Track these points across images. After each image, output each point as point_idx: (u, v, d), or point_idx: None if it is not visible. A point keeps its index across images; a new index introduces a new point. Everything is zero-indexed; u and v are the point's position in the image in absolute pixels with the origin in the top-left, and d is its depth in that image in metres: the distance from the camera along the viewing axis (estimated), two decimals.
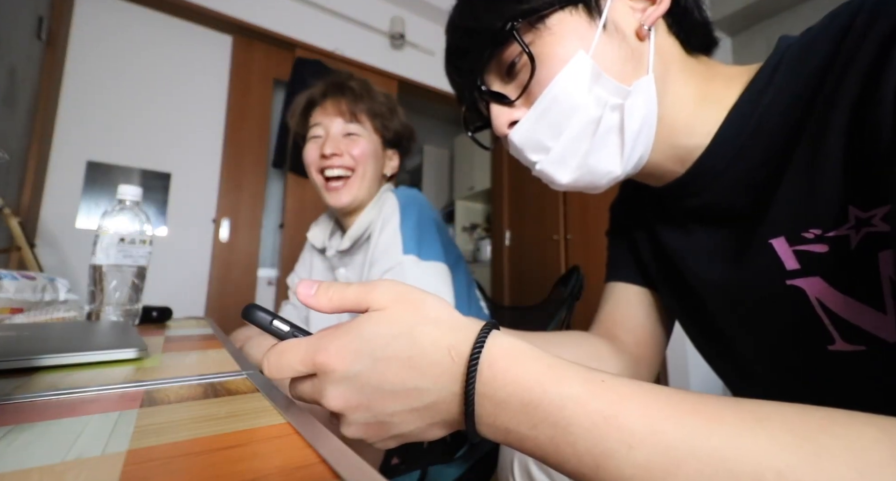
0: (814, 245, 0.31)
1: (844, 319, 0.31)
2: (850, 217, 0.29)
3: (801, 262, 0.32)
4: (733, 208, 0.38)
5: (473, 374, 0.22)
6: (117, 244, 0.62)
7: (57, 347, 0.37)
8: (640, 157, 0.39)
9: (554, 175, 0.40)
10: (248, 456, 0.18)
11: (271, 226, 2.43)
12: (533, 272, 2.74)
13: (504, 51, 0.38)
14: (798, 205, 0.32)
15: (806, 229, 0.32)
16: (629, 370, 0.48)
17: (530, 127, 0.39)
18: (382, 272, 0.70)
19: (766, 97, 0.35)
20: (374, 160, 0.82)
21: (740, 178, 0.37)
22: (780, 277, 0.34)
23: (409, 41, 2.71)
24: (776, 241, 0.34)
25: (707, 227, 0.41)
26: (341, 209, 0.82)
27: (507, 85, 0.40)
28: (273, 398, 0.27)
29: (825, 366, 0.34)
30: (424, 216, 0.76)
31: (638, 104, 0.36)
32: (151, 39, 2.10)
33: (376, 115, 0.83)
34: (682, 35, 0.40)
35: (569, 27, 0.36)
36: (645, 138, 0.38)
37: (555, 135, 0.38)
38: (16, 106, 1.52)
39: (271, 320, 0.27)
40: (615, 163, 0.38)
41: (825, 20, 0.33)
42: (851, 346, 0.31)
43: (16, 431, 0.20)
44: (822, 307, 0.32)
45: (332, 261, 0.89)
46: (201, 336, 0.57)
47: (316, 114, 0.84)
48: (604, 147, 0.38)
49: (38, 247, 1.60)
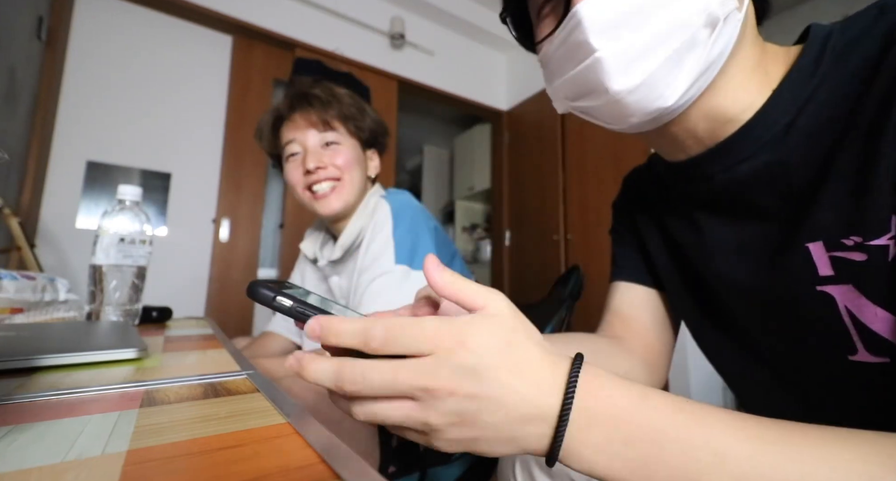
0: (852, 252, 0.30)
1: (872, 330, 0.30)
2: (892, 226, 0.28)
3: (836, 269, 0.31)
4: (757, 203, 0.36)
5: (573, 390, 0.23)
6: (117, 244, 0.62)
7: (57, 347, 0.37)
8: (693, 95, 0.33)
9: (611, 73, 0.32)
10: (248, 456, 0.18)
11: (271, 226, 2.43)
12: (533, 272, 2.74)
13: None
14: (841, 210, 0.31)
15: (847, 236, 0.30)
16: (641, 374, 0.48)
17: (611, 1, 0.31)
18: (371, 280, 0.69)
19: (809, 87, 0.33)
20: (358, 165, 0.81)
21: (767, 170, 0.34)
22: (811, 282, 0.33)
23: (409, 41, 2.71)
24: (813, 246, 0.32)
25: (725, 220, 0.39)
26: (333, 216, 0.80)
27: None
28: (273, 398, 0.27)
29: (842, 375, 0.33)
30: (417, 222, 0.75)
31: (725, 34, 0.31)
32: (151, 39, 2.10)
33: (348, 118, 0.80)
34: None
35: None
36: (711, 73, 0.33)
37: (637, 24, 0.31)
38: (16, 106, 1.52)
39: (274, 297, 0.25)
40: (679, 89, 0.32)
41: (873, 12, 0.31)
42: (875, 358, 0.31)
43: (16, 431, 0.20)
44: (850, 316, 0.31)
45: (324, 271, 0.88)
46: (201, 336, 0.57)
47: (287, 130, 0.80)
48: (680, 63, 0.31)
49: (38, 247, 1.60)
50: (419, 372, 0.23)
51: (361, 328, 0.23)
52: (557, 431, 0.23)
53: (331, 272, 0.86)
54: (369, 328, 0.23)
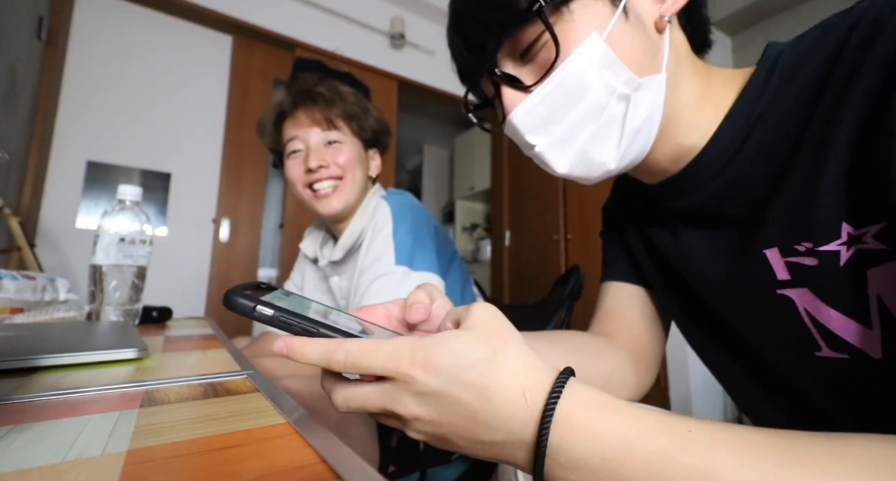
0: (805, 258, 0.32)
1: (830, 330, 0.32)
2: (843, 233, 0.30)
3: (792, 274, 0.33)
4: (725, 213, 0.38)
5: (547, 427, 0.21)
6: (117, 244, 0.62)
7: (57, 347, 0.37)
8: (637, 155, 0.39)
9: (551, 160, 0.39)
10: (248, 456, 0.18)
11: (271, 226, 2.43)
12: (533, 272, 2.74)
13: (523, 31, 0.36)
14: (792, 217, 0.32)
15: (798, 242, 0.32)
16: (628, 368, 0.48)
17: (534, 108, 0.37)
18: (371, 280, 0.69)
19: (760, 106, 0.36)
20: (359, 164, 0.81)
21: (732, 184, 0.37)
22: (772, 286, 0.34)
23: (409, 41, 2.71)
24: (769, 252, 0.34)
25: (699, 230, 0.41)
26: (333, 216, 0.80)
27: (521, 68, 0.39)
28: (273, 398, 0.27)
29: (815, 370, 0.35)
30: (417, 223, 0.75)
31: (645, 99, 0.36)
32: (151, 39, 2.10)
33: (352, 118, 0.80)
34: (690, 31, 0.40)
35: (589, 12, 0.35)
36: (645, 136, 0.38)
37: (558, 119, 0.37)
38: (16, 106, 1.52)
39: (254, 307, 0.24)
40: (611, 156, 0.38)
41: (817, 32, 0.34)
42: (837, 354, 0.32)
43: (16, 431, 0.20)
44: (809, 317, 0.33)
45: (324, 271, 0.88)
46: (201, 336, 0.57)
47: (289, 127, 0.80)
48: (604, 137, 0.37)
49: (38, 247, 1.60)
50: (384, 397, 0.24)
51: (324, 351, 0.24)
52: (535, 468, 0.22)
53: (331, 272, 0.86)
54: (333, 352, 0.24)
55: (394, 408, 0.23)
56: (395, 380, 0.23)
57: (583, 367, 0.42)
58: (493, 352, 0.23)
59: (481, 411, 0.22)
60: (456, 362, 0.22)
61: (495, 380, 0.22)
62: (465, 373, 0.22)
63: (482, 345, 0.23)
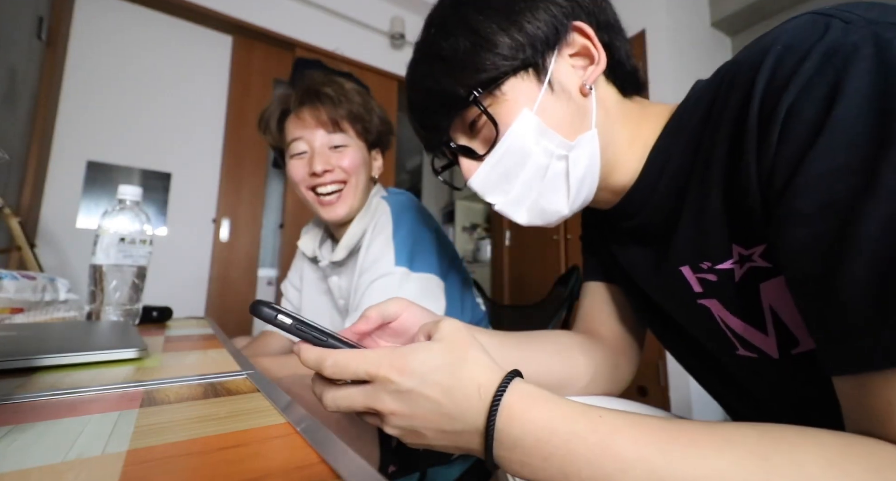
0: (708, 274, 0.37)
1: (739, 334, 0.37)
2: (734, 253, 0.34)
3: (703, 287, 0.38)
4: (655, 234, 0.43)
5: (494, 415, 0.26)
6: (117, 244, 0.62)
7: (57, 347, 0.37)
8: (586, 198, 0.44)
9: (512, 215, 0.45)
10: (248, 456, 0.18)
11: (271, 226, 2.43)
12: (533, 272, 2.74)
13: (466, 112, 0.42)
14: (694, 240, 0.37)
15: (701, 261, 0.37)
16: (609, 363, 0.51)
17: (487, 174, 0.43)
18: (371, 281, 0.69)
19: (672, 143, 0.40)
20: (363, 168, 0.81)
21: (655, 211, 0.42)
22: (692, 297, 0.39)
23: (409, 41, 2.71)
24: (684, 269, 0.39)
25: (641, 246, 0.46)
26: (337, 221, 0.80)
27: (472, 139, 0.45)
28: (273, 398, 0.27)
29: (740, 366, 0.40)
30: (418, 224, 0.75)
31: (582, 155, 0.41)
32: (151, 39, 2.10)
33: (357, 119, 0.79)
34: (618, 83, 0.45)
35: (519, 90, 0.40)
36: (589, 183, 0.43)
37: (509, 181, 0.43)
38: (16, 106, 1.52)
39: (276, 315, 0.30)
40: (563, 205, 0.43)
41: (724, 67, 0.37)
42: (749, 353, 0.37)
43: (16, 431, 0.20)
44: (723, 323, 0.38)
45: (324, 271, 0.88)
46: (201, 336, 0.57)
47: (293, 126, 0.78)
48: (552, 191, 0.43)
49: (39, 247, 1.60)
50: (366, 396, 0.29)
51: (318, 357, 0.29)
52: (486, 448, 0.27)
53: (330, 272, 0.86)
54: (324, 359, 0.29)
55: (375, 406, 0.28)
56: (375, 383, 0.28)
57: (567, 365, 0.48)
58: (456, 359, 0.28)
59: (446, 405, 0.28)
60: (426, 366, 0.28)
61: (458, 380, 0.28)
62: (434, 375, 0.28)
63: (447, 354, 0.29)
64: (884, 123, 0.23)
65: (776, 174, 0.28)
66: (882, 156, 0.23)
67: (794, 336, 0.33)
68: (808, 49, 0.27)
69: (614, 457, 0.24)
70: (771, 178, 0.28)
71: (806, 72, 0.27)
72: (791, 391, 0.37)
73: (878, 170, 0.23)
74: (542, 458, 0.26)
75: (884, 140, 0.23)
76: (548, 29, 0.40)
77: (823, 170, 0.25)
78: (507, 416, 0.26)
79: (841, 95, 0.25)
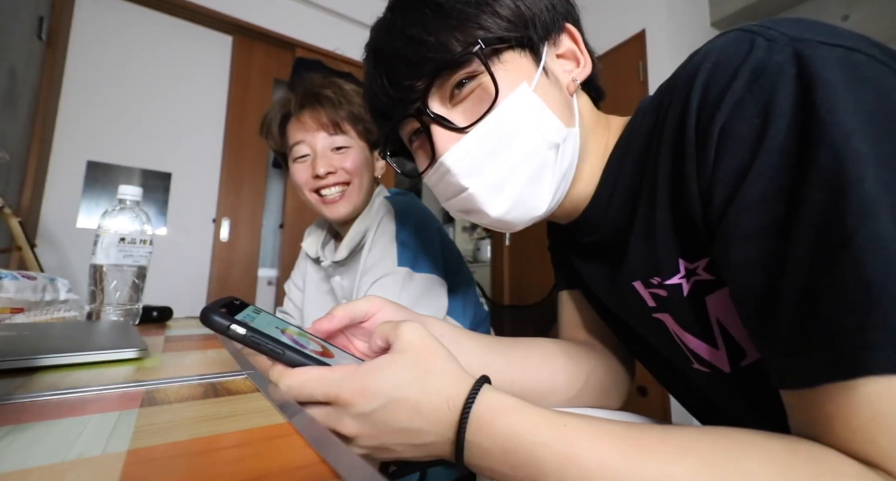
0: (658, 290, 0.37)
1: (692, 349, 0.37)
2: (681, 268, 0.34)
3: (656, 302, 0.38)
4: (610, 249, 0.43)
5: (464, 427, 0.27)
6: (117, 244, 0.62)
7: (57, 347, 0.37)
8: (558, 201, 0.42)
9: (485, 204, 0.38)
10: (248, 456, 0.18)
11: (271, 226, 2.43)
12: (533, 272, 2.74)
13: (453, 74, 0.37)
14: (643, 255, 0.37)
15: (651, 276, 0.37)
16: (602, 368, 0.51)
17: (468, 150, 0.37)
18: (372, 281, 0.69)
19: (623, 158, 0.40)
20: (366, 168, 0.81)
21: (609, 225, 0.42)
22: (647, 311, 0.39)
23: None
24: (636, 284, 0.39)
25: (598, 262, 0.46)
26: (340, 220, 0.81)
27: (450, 110, 0.39)
28: (273, 398, 0.27)
29: (694, 380, 0.40)
30: (421, 225, 0.75)
31: (569, 150, 0.39)
32: (151, 39, 2.10)
33: (358, 120, 0.79)
34: (591, 94, 0.46)
35: (518, 64, 0.38)
36: (566, 182, 0.41)
37: (493, 161, 0.37)
38: (16, 106, 1.52)
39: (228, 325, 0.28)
40: (544, 201, 0.39)
41: (657, 88, 0.38)
42: (703, 368, 0.37)
43: (16, 431, 0.20)
44: (677, 337, 0.38)
45: (327, 271, 0.88)
46: (201, 336, 0.57)
47: (295, 129, 0.79)
48: (538, 181, 0.39)
49: (39, 247, 1.60)
50: (328, 419, 0.28)
51: (275, 378, 0.29)
52: (457, 458, 0.27)
53: (333, 272, 0.86)
54: (280, 380, 0.28)
55: (338, 429, 0.28)
56: (336, 405, 0.28)
57: (553, 372, 0.47)
58: (422, 372, 0.28)
59: (415, 421, 0.28)
60: (389, 384, 0.28)
61: (424, 394, 0.28)
62: (398, 392, 0.27)
63: (411, 368, 0.28)
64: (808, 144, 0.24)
65: (715, 193, 0.28)
66: (804, 180, 0.24)
67: (741, 347, 0.34)
68: (736, 68, 0.28)
69: (578, 466, 0.25)
70: (710, 197, 0.29)
71: (736, 92, 0.27)
72: (747, 402, 0.37)
73: (805, 192, 0.24)
74: (511, 467, 0.26)
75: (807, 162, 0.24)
76: (548, 18, 0.39)
77: (757, 195, 0.26)
78: (476, 427, 0.27)
79: (771, 117, 0.25)
